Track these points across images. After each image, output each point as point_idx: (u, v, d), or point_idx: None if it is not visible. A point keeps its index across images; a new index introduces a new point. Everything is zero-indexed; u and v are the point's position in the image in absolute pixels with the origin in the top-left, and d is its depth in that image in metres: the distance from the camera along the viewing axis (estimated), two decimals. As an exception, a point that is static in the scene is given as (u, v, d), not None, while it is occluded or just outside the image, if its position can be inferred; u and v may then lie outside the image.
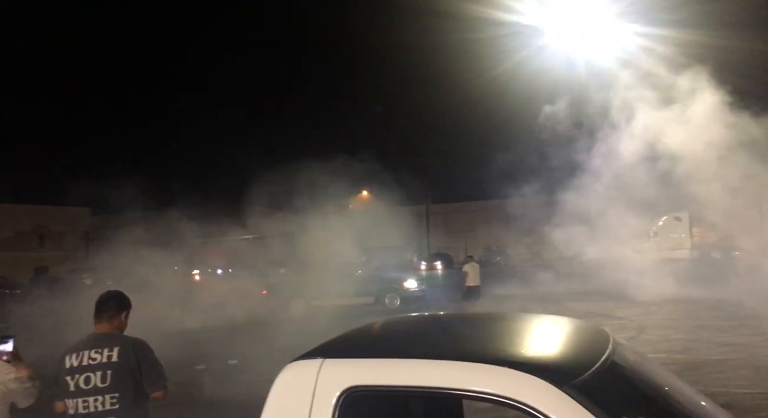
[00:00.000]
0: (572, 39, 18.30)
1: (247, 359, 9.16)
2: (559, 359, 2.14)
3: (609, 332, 2.48)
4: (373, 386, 2.05)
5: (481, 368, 1.93)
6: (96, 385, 3.31)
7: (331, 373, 2.09)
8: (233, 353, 9.97)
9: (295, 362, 2.21)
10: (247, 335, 13.16)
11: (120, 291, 3.68)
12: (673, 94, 16.19)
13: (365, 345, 2.44)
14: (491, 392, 1.87)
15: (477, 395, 1.92)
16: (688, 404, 2.27)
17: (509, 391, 1.84)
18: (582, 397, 1.81)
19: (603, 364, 2.05)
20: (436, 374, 1.97)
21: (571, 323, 2.59)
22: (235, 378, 8.45)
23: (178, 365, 9.14)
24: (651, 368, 2.42)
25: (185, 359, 9.31)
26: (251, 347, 10.72)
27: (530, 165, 19.12)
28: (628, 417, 1.84)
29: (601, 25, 17.53)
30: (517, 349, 2.25)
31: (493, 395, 1.86)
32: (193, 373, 8.76)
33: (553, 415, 1.79)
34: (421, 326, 2.83)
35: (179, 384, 7.86)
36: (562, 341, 2.39)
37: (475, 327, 2.67)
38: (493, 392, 1.86)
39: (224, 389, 8.05)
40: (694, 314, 13.95)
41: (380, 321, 2.88)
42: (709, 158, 16.27)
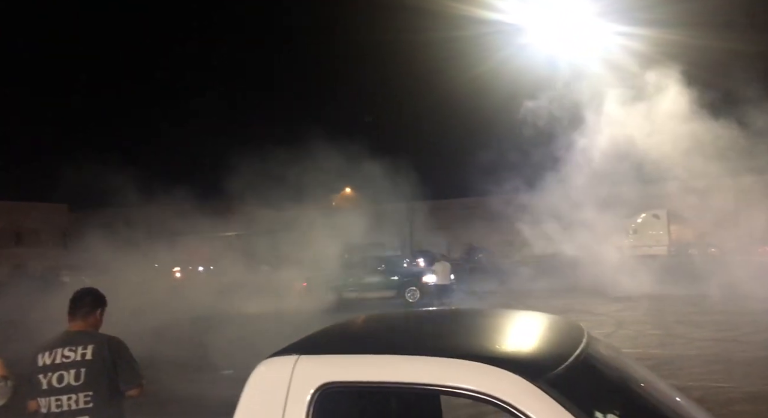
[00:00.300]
0: (553, 38, 18.44)
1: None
2: (532, 354, 2.15)
3: (584, 326, 2.50)
4: (348, 382, 2.05)
5: (454, 363, 1.94)
6: (69, 383, 3.26)
7: (306, 369, 2.09)
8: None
9: (269, 358, 2.20)
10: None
11: (95, 288, 3.62)
12: (651, 93, 16.40)
13: (341, 341, 2.44)
14: (465, 387, 1.87)
15: (451, 391, 1.93)
16: (660, 398, 2.30)
17: (482, 386, 1.85)
18: (554, 391, 1.82)
19: (576, 358, 2.06)
20: (409, 370, 1.97)
21: (546, 318, 2.61)
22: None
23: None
24: (624, 363, 2.44)
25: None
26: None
27: (512, 162, 19.24)
28: (601, 411, 1.86)
29: (582, 24, 17.68)
30: (490, 344, 2.26)
31: (467, 390, 1.87)
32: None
33: (525, 409, 1.80)
34: (397, 322, 2.83)
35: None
36: (536, 336, 2.41)
37: (451, 323, 2.68)
38: (467, 387, 1.87)
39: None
40: (671, 310, 14.17)
41: (357, 317, 2.88)
42: (686, 156, 16.52)
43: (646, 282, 18.27)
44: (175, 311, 16.54)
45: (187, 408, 7.19)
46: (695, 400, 6.33)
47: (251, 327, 12.97)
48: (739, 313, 12.93)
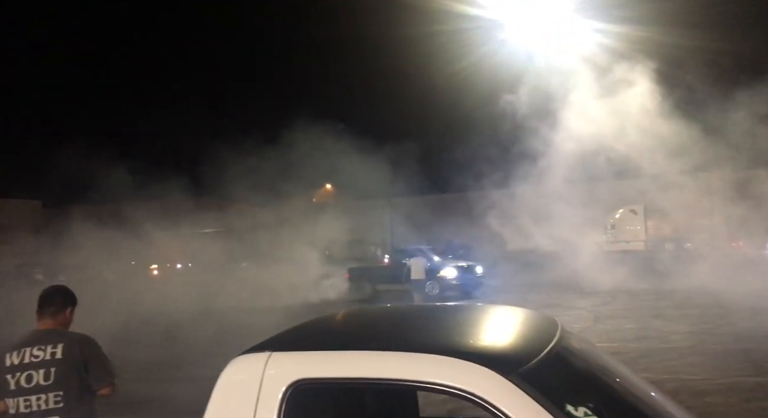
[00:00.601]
0: (532, 34, 18.54)
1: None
2: (505, 348, 2.15)
3: (558, 321, 2.51)
4: (322, 379, 2.03)
5: (426, 358, 1.93)
6: (38, 383, 3.19)
7: (278, 366, 2.06)
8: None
9: (241, 355, 2.17)
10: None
11: (64, 286, 3.55)
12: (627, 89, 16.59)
13: (314, 338, 2.41)
14: (437, 382, 1.87)
15: (424, 386, 1.92)
16: (633, 391, 2.31)
17: (455, 380, 1.84)
18: (527, 385, 1.82)
19: (549, 353, 2.07)
20: (382, 366, 1.96)
21: (520, 313, 2.62)
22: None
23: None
24: (598, 356, 2.46)
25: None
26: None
27: (492, 158, 19.34)
28: (573, 404, 1.86)
29: (560, 21, 17.82)
30: (463, 339, 2.25)
31: (439, 385, 1.86)
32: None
33: (498, 403, 1.80)
34: (371, 318, 2.82)
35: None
36: (510, 331, 2.41)
37: (424, 318, 2.67)
38: (439, 382, 1.86)
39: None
40: (648, 304, 14.38)
41: (330, 314, 2.86)
42: (662, 152, 16.76)
43: (624, 277, 18.52)
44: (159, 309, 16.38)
45: (162, 408, 7.11)
46: (669, 392, 6.42)
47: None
48: (713, 306, 13.18)
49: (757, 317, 11.69)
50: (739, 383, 7.00)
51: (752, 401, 6.28)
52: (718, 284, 15.70)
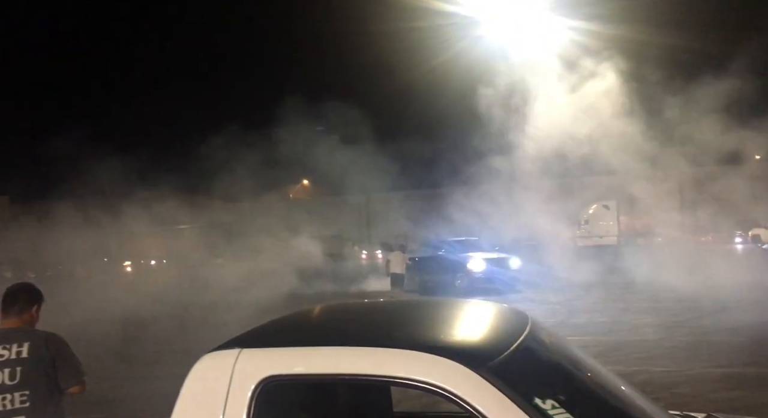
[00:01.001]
0: (508, 30, 18.66)
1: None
2: (475, 343, 2.17)
3: (528, 315, 2.54)
4: (292, 375, 2.02)
5: (396, 353, 1.94)
6: (4, 383, 3.13)
7: (248, 363, 2.05)
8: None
9: (210, 353, 2.15)
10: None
11: (30, 283, 3.48)
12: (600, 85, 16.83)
13: (285, 334, 2.40)
14: (408, 377, 1.87)
15: (394, 381, 1.93)
16: (601, 383, 2.35)
17: (425, 375, 1.85)
18: (496, 379, 1.84)
19: (519, 346, 2.09)
20: (352, 362, 1.96)
21: (491, 308, 2.64)
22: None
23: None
24: (567, 350, 2.49)
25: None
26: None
27: (466, 155, 19.44)
28: (541, 397, 1.88)
29: (535, 18, 17.97)
30: (434, 334, 2.26)
31: (410, 380, 1.87)
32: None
33: (467, 398, 1.81)
34: (343, 314, 2.81)
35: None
36: (480, 325, 2.43)
37: (395, 313, 2.68)
38: (410, 377, 1.87)
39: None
40: (620, 298, 14.65)
41: (301, 310, 2.85)
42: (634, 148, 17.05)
43: (597, 271, 18.82)
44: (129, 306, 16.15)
45: (131, 406, 7.01)
46: (638, 384, 6.54)
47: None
48: (683, 299, 13.48)
49: (726, 309, 11.99)
50: (706, 374, 7.17)
51: (719, 392, 6.43)
52: (687, 277, 16.07)
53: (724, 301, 12.91)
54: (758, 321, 10.67)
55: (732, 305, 12.30)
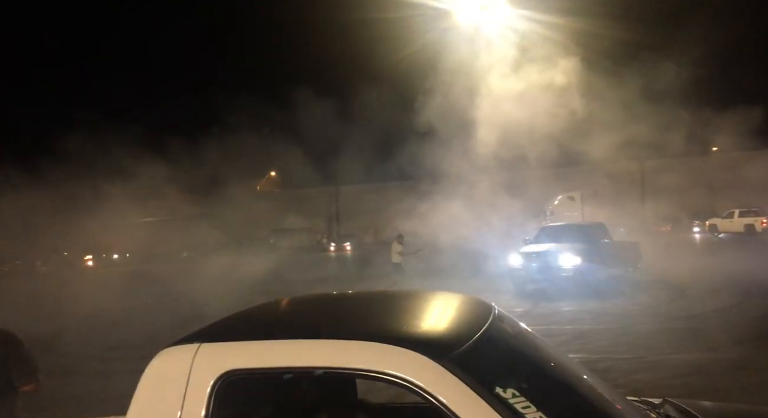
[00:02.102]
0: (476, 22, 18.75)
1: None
2: (437, 333, 2.17)
3: (492, 305, 2.55)
4: (252, 369, 1.99)
5: (357, 345, 1.93)
6: (-46, 382, 3.02)
7: (207, 357, 2.01)
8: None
9: (169, 347, 2.10)
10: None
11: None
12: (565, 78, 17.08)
13: (245, 327, 2.37)
14: (369, 369, 1.86)
15: (356, 373, 1.92)
16: (561, 371, 2.39)
17: (387, 366, 1.85)
18: (458, 369, 1.85)
19: (481, 337, 2.10)
20: (313, 354, 1.94)
21: (455, 298, 2.65)
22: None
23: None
24: (529, 339, 2.52)
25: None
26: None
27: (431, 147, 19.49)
28: (502, 387, 1.90)
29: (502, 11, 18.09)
30: (396, 325, 2.26)
31: (372, 371, 1.86)
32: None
33: (429, 388, 1.81)
34: (304, 307, 2.79)
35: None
36: (443, 316, 2.44)
37: (358, 305, 2.66)
38: (372, 368, 1.86)
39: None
40: (584, 288, 14.89)
41: (264, 303, 2.81)
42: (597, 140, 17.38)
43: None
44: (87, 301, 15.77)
45: (87, 403, 6.86)
46: (600, 371, 6.67)
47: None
48: (644, 288, 13.83)
49: (684, 297, 12.35)
50: (666, 361, 7.38)
51: (677, 377, 6.63)
52: (648, 266, 16.49)
53: (683, 289, 13.30)
54: (714, 308, 11.06)
55: (690, 292, 12.66)
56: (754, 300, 11.52)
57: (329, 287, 18.88)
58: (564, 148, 17.84)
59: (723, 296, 12.05)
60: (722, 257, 17.56)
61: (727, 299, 11.74)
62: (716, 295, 12.22)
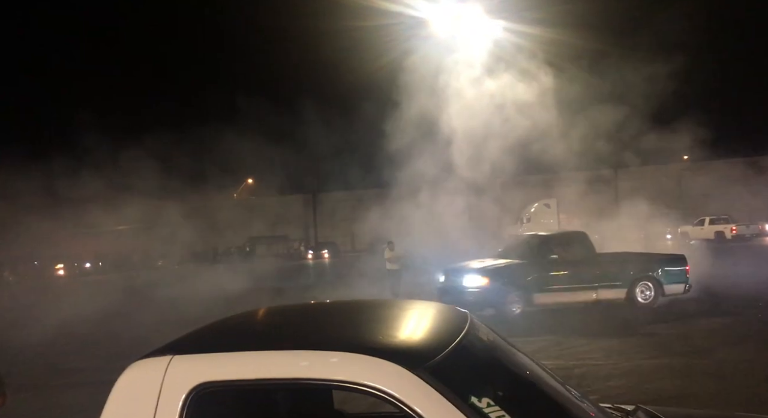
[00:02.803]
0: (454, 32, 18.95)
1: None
2: (412, 343, 2.17)
3: (468, 313, 2.56)
4: (225, 381, 1.96)
5: (333, 355, 1.91)
6: None
7: (179, 370, 1.98)
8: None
9: (140, 360, 2.06)
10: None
11: None
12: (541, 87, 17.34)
13: (219, 339, 2.33)
14: (344, 380, 1.85)
15: (331, 384, 1.91)
16: (535, 380, 2.40)
17: (361, 377, 1.84)
18: (433, 379, 1.85)
19: (456, 346, 2.10)
20: (287, 365, 1.92)
21: (430, 307, 2.65)
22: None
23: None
24: (504, 348, 2.53)
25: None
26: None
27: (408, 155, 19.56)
28: (477, 396, 1.90)
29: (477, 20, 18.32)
30: (370, 335, 2.25)
31: (347, 382, 1.85)
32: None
33: (404, 398, 1.81)
34: (278, 317, 2.76)
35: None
36: (418, 326, 2.44)
37: (333, 315, 2.65)
38: (346, 379, 1.85)
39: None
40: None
41: (237, 314, 2.78)
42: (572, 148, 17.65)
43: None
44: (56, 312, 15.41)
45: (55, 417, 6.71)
46: (576, 377, 6.72)
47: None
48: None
49: (658, 303, 12.54)
50: (640, 366, 7.48)
51: (652, 382, 6.73)
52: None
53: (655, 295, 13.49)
54: (686, 313, 11.28)
55: (662, 298, 12.86)
56: (727, 306, 11.76)
57: (308, 296, 18.76)
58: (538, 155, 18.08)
59: (696, 303, 12.28)
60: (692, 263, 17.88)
61: (699, 305, 11.98)
62: (686, 301, 12.45)
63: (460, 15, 18.79)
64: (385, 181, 24.11)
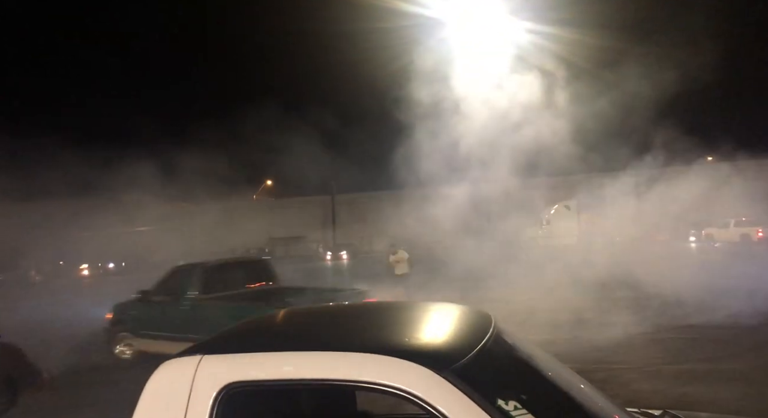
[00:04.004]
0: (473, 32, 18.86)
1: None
2: (438, 346, 2.18)
3: (492, 316, 2.56)
4: (254, 381, 2.00)
5: (360, 357, 1.93)
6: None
7: (209, 369, 2.02)
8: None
9: (170, 359, 2.11)
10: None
11: None
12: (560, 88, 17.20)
13: (247, 340, 2.37)
14: (371, 381, 1.87)
15: (358, 385, 1.93)
16: (561, 383, 2.39)
17: (389, 379, 1.85)
18: (460, 382, 1.86)
19: (482, 348, 2.11)
20: (315, 366, 1.95)
21: (454, 309, 2.66)
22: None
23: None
24: (529, 350, 2.53)
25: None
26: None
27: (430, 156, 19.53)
28: (504, 399, 1.90)
29: (497, 21, 18.22)
30: (397, 337, 2.27)
31: (374, 383, 1.87)
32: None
33: (432, 400, 1.82)
34: (305, 318, 2.79)
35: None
36: (443, 328, 2.45)
37: (359, 317, 2.67)
38: (374, 381, 1.87)
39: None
40: (580, 297, 14.91)
41: (265, 315, 2.82)
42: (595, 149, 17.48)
43: (559, 271, 19.15)
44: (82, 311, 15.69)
45: (89, 414, 6.83)
46: (598, 381, 6.67)
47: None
48: (641, 298, 13.85)
49: (683, 306, 12.35)
50: (663, 371, 7.39)
51: (675, 387, 6.64)
52: (645, 276, 16.50)
53: (679, 298, 13.31)
54: (710, 318, 11.08)
55: (687, 302, 12.67)
56: (752, 310, 11.54)
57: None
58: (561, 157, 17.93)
59: (717, 306, 12.08)
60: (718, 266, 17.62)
61: (723, 310, 11.77)
62: (710, 304, 12.24)
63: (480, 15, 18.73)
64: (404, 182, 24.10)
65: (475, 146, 18.51)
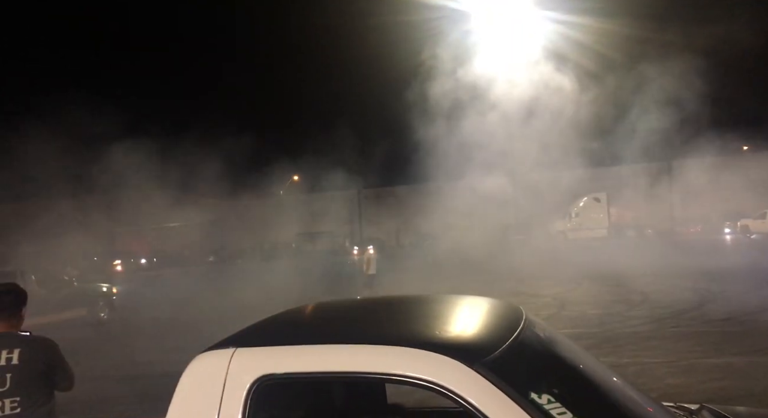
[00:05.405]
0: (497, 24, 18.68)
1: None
2: (470, 338, 2.17)
3: (523, 309, 2.54)
4: (286, 374, 2.01)
5: (392, 350, 1.93)
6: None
7: (243, 362, 2.05)
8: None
9: (205, 352, 2.14)
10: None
11: (14, 284, 3.40)
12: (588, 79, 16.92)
13: (279, 332, 2.39)
14: (403, 374, 1.87)
15: (390, 378, 1.93)
16: (594, 376, 2.36)
17: (421, 372, 1.85)
18: (492, 375, 1.84)
19: (514, 341, 2.09)
20: (346, 359, 1.96)
21: (485, 303, 2.64)
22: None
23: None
24: (561, 344, 2.50)
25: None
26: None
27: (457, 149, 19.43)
28: (537, 392, 1.89)
29: (524, 12, 18.00)
30: (429, 330, 2.26)
31: (406, 376, 1.87)
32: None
33: (463, 393, 1.81)
34: (336, 312, 2.81)
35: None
36: (475, 321, 2.43)
37: (389, 310, 2.67)
38: (406, 374, 1.87)
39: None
40: (610, 290, 14.72)
41: (295, 308, 2.84)
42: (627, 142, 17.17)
43: (588, 264, 18.93)
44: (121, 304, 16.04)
45: (123, 406, 6.99)
46: (631, 376, 6.58)
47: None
48: (672, 291, 13.59)
49: (714, 300, 12.10)
50: (696, 365, 7.24)
51: (709, 382, 6.50)
52: (677, 268, 16.21)
53: (713, 292, 13.04)
54: (745, 311, 10.80)
55: (720, 295, 12.40)
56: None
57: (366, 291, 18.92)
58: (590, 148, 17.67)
59: (752, 299, 11.78)
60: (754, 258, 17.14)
61: (760, 302, 11.48)
62: (745, 298, 11.95)
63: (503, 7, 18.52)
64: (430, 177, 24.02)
65: (501, 139, 18.35)
